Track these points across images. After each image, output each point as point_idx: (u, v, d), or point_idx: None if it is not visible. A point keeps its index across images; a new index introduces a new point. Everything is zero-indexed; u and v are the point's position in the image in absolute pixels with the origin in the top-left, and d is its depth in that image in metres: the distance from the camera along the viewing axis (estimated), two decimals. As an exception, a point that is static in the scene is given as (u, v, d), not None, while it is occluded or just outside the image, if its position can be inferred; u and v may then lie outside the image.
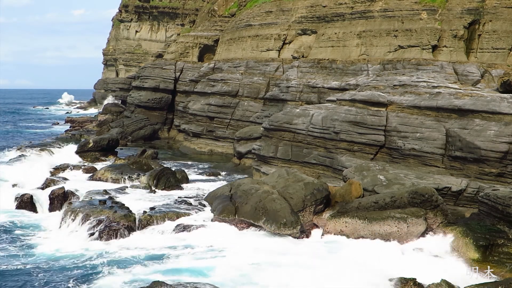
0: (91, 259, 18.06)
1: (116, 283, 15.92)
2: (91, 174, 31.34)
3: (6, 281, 16.29)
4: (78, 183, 29.04)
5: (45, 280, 16.35)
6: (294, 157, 29.16)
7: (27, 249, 19.19)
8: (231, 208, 21.58)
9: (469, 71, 30.32)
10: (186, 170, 32.63)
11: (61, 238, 20.18)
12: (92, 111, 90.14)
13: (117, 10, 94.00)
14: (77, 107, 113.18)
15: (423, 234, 19.11)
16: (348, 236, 19.38)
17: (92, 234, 19.65)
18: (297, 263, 17.39)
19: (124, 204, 22.95)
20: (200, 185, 30.00)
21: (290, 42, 44.51)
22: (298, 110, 30.62)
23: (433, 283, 14.35)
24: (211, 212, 22.58)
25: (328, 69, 37.99)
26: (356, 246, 18.74)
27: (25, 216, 23.73)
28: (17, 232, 21.42)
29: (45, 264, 17.74)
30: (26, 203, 24.96)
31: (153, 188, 28.02)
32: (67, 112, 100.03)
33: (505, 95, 23.84)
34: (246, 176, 32.36)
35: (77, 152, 37.51)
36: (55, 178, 29.18)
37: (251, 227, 20.71)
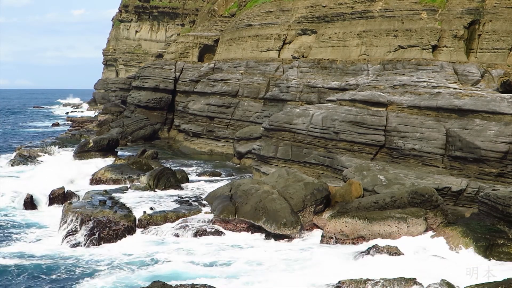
0: (91, 259, 18.04)
1: (116, 284, 15.92)
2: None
3: None
4: (79, 183, 29.10)
5: (43, 280, 16.37)
6: (294, 157, 29.15)
7: (25, 249, 19.10)
8: (231, 208, 21.59)
9: (469, 71, 30.32)
10: (186, 170, 32.62)
11: (60, 238, 20.17)
12: (90, 113, 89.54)
13: (117, 10, 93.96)
14: (77, 107, 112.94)
15: (423, 234, 19.14)
16: (348, 236, 19.40)
17: (92, 234, 19.63)
18: (298, 263, 17.43)
19: (124, 204, 22.97)
20: (200, 185, 30.02)
21: (290, 42, 44.50)
22: (298, 110, 30.61)
23: (433, 283, 14.35)
24: (211, 212, 22.59)
25: (328, 69, 37.98)
26: (357, 246, 18.80)
27: (25, 216, 23.72)
28: (14, 231, 21.39)
29: (44, 263, 17.72)
30: (27, 203, 24.98)
31: (153, 188, 28.02)
32: (67, 112, 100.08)
33: (505, 95, 23.84)
34: (246, 176, 32.40)
35: (76, 153, 37.41)
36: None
37: (251, 227, 20.73)
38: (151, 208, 23.20)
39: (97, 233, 19.67)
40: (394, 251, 17.57)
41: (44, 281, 16.33)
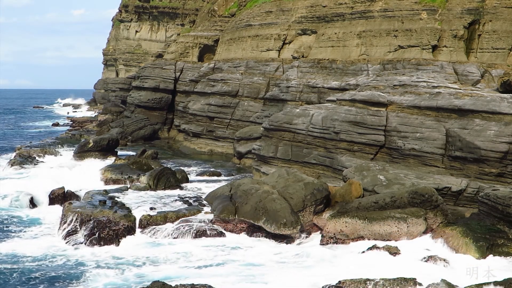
0: (91, 259, 18.05)
1: (115, 284, 15.92)
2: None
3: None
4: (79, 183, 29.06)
5: (40, 279, 16.37)
6: (294, 157, 29.16)
7: (23, 249, 19.06)
8: (231, 208, 21.59)
9: (469, 71, 30.32)
10: (186, 170, 32.63)
11: (60, 238, 20.17)
12: (89, 113, 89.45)
13: (117, 10, 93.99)
14: (76, 107, 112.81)
15: (423, 234, 19.14)
16: (348, 236, 19.39)
17: (92, 234, 19.63)
18: (298, 263, 17.43)
19: (124, 204, 22.97)
20: (200, 185, 30.01)
21: (290, 42, 44.50)
22: (298, 110, 30.62)
23: (433, 283, 14.36)
24: (211, 212, 22.59)
25: (328, 69, 37.98)
26: (357, 246, 18.79)
27: (25, 215, 23.72)
28: (14, 231, 21.38)
29: (42, 263, 17.73)
30: (27, 202, 24.96)
31: (153, 188, 28.02)
32: (68, 112, 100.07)
33: (505, 95, 23.85)
34: (246, 176, 32.39)
35: (76, 153, 37.37)
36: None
37: (251, 227, 20.73)
38: (151, 208, 23.20)
39: (97, 233, 19.66)
40: (394, 251, 17.58)
41: (40, 280, 16.30)
